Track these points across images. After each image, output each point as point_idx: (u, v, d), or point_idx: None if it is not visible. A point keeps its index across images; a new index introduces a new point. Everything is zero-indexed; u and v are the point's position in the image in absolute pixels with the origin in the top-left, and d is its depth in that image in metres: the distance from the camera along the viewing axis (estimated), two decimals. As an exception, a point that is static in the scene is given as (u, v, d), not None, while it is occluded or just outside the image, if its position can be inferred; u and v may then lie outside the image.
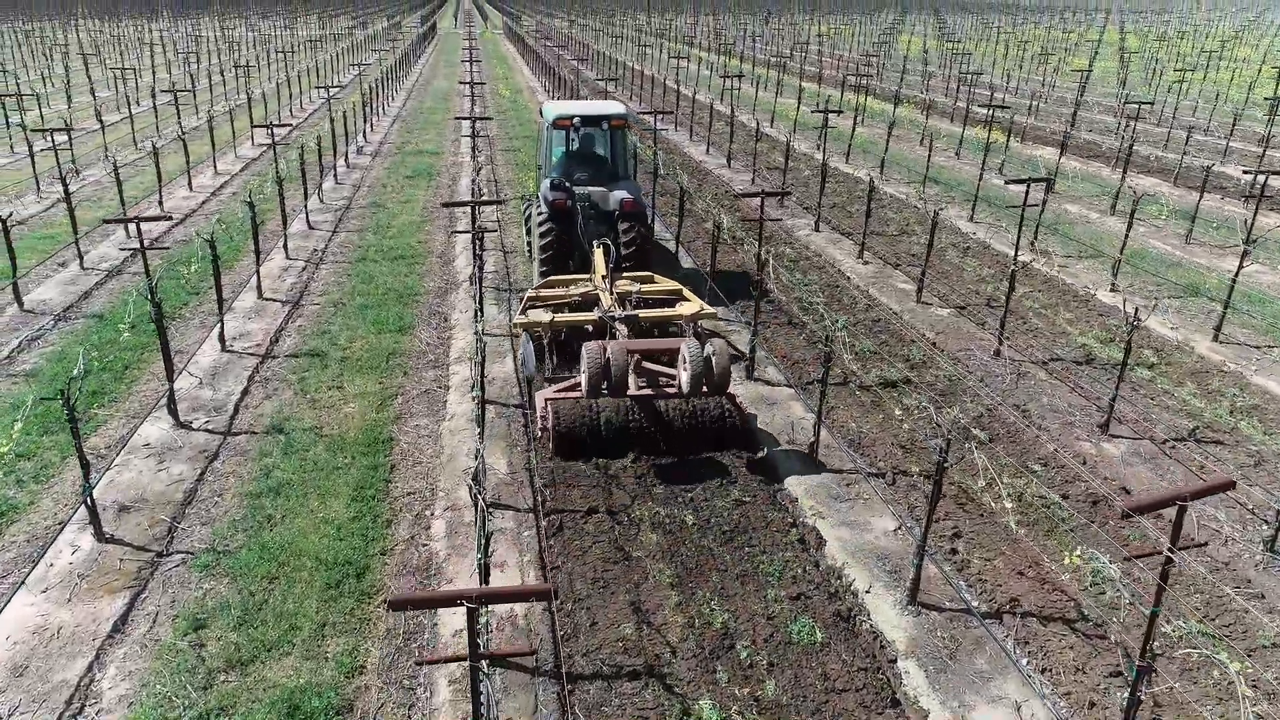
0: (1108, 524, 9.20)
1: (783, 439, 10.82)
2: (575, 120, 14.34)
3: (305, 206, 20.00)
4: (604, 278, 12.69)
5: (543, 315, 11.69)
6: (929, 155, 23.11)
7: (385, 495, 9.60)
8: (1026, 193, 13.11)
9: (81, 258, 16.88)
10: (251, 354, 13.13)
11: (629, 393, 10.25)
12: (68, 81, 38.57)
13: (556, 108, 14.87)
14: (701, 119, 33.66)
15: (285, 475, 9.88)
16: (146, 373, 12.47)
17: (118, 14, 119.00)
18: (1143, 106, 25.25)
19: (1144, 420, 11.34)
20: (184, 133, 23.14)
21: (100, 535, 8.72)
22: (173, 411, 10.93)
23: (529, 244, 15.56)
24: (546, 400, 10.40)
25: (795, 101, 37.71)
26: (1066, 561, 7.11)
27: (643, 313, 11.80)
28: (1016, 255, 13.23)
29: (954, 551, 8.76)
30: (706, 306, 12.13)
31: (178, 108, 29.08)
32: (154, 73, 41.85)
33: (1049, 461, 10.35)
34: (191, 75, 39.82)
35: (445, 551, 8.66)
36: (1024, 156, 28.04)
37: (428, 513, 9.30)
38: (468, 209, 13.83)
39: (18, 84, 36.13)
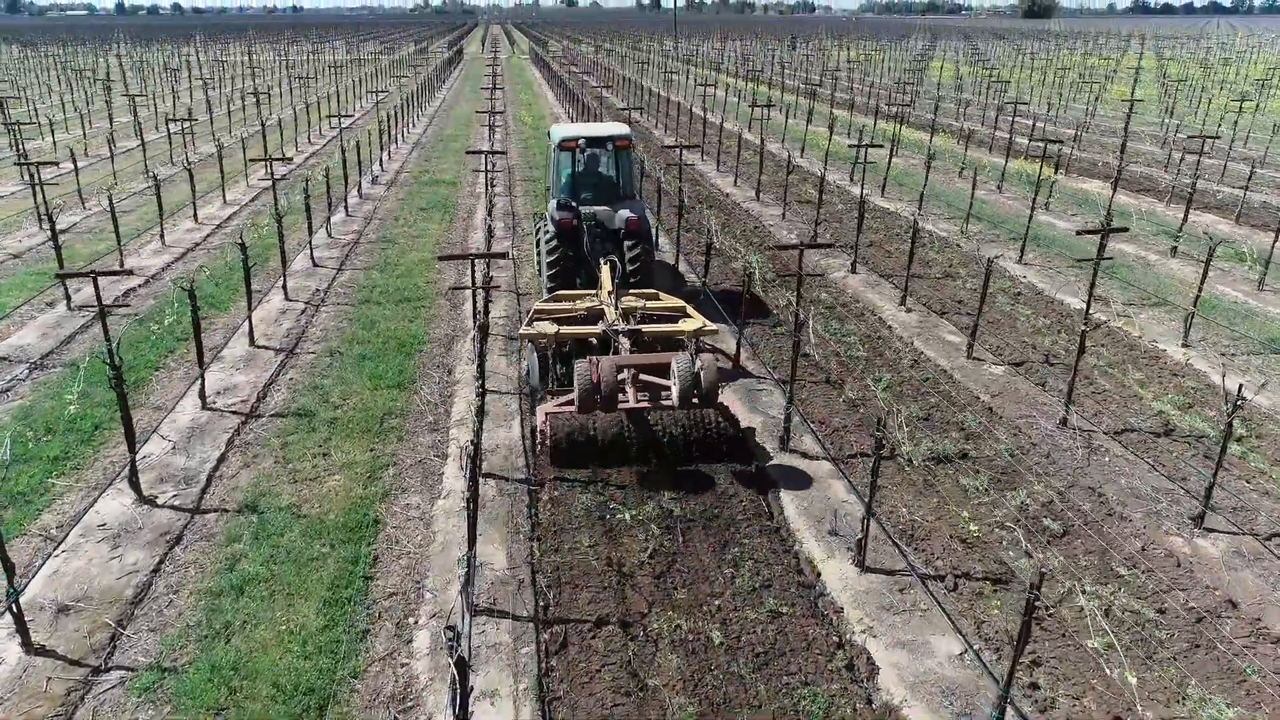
0: (1215, 649, 7.70)
1: (823, 528, 9.42)
2: (580, 142, 14.74)
3: (310, 242, 18.95)
4: (609, 294, 12.77)
5: (547, 327, 11.67)
6: (972, 189, 21.69)
7: (364, 596, 8.30)
8: (1102, 245, 11.66)
9: (69, 298, 15.88)
10: (234, 412, 11.95)
11: (620, 406, 10.44)
12: (89, 106, 38.20)
13: (562, 130, 15.12)
14: (729, 148, 32.47)
15: (252, 568, 8.62)
16: (118, 434, 11.27)
17: (154, 39, 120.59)
18: (1206, 140, 23.62)
19: (1242, 510, 9.82)
20: (190, 164, 22.24)
21: (29, 645, 7.49)
22: (135, 485, 9.73)
23: (539, 262, 15.68)
24: (545, 414, 10.71)
25: (826, 130, 36.47)
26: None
27: (645, 327, 11.95)
28: (1088, 315, 11.74)
29: (1034, 686, 7.29)
30: (708, 324, 12.10)
31: (184, 136, 28.32)
32: (176, 98, 41.46)
33: (1136, 563, 8.86)
34: (210, 102, 39.28)
35: (427, 675, 7.33)
36: (1070, 191, 26.52)
37: (411, 620, 7.99)
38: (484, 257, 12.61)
39: (35, 110, 35.71)
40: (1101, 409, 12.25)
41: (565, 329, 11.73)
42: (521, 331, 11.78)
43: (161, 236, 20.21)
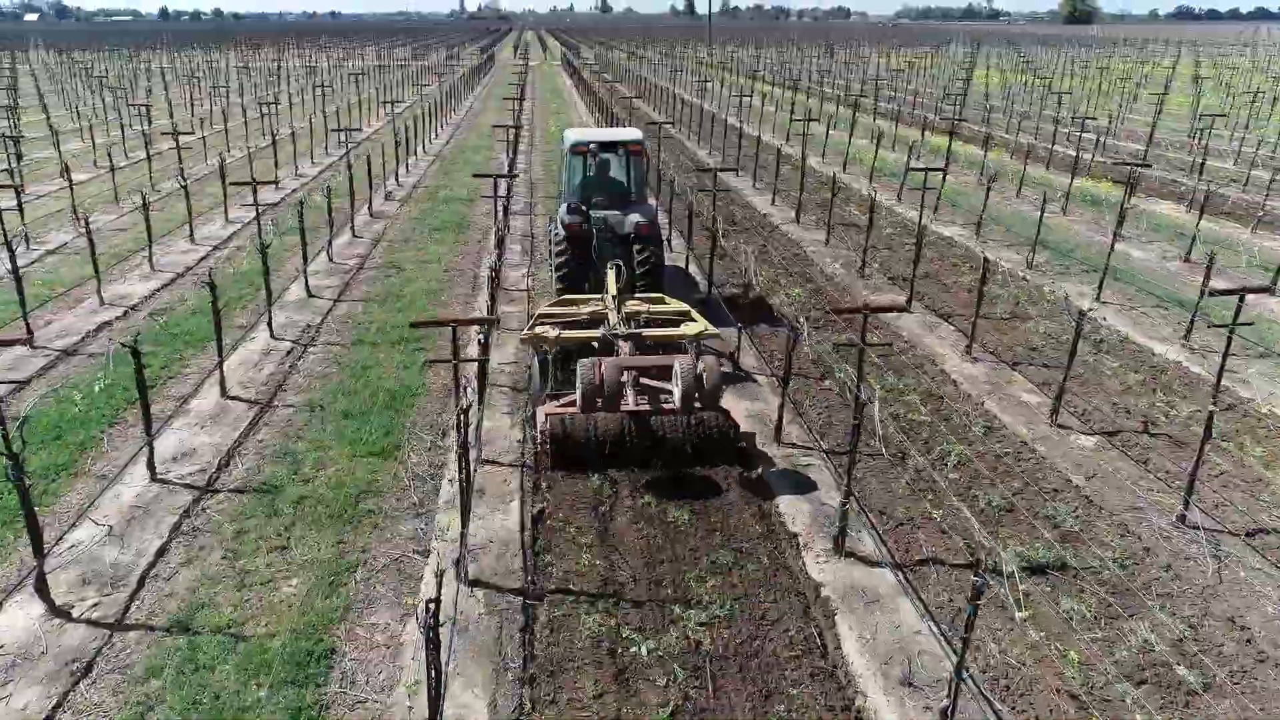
0: None
1: (892, 673, 7.41)
2: (592, 146, 14.82)
3: (304, 271, 17.24)
4: (614, 297, 12.65)
5: (549, 331, 11.52)
6: (1040, 215, 19.45)
7: (300, 771, 6.46)
8: (1239, 309, 9.53)
9: (31, 335, 14.28)
10: (188, 486, 10.20)
11: (623, 408, 10.32)
12: (105, 117, 37.10)
13: (574, 134, 15.30)
14: (766, 162, 30.41)
15: (166, 721, 6.81)
16: (49, 513, 9.58)
17: (193, 45, 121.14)
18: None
19: None
20: (185, 181, 20.73)
21: None
22: (43, 594, 7.99)
23: (550, 266, 15.83)
24: (546, 415, 10.53)
25: (869, 142, 34.33)
26: None
27: (646, 331, 11.89)
28: (1217, 392, 9.60)
29: None
30: (710, 327, 11.97)
31: (179, 152, 26.84)
32: (192, 107, 40.31)
33: (1310, 739, 6.77)
34: (226, 113, 38.02)
35: None
36: (1142, 213, 24.16)
37: (355, 814, 6.12)
38: (484, 320, 10.84)
39: (48, 119, 34.64)
40: (1223, 499, 10.11)
41: (567, 333, 11.63)
42: (523, 336, 11.74)
43: (150, 260, 18.66)
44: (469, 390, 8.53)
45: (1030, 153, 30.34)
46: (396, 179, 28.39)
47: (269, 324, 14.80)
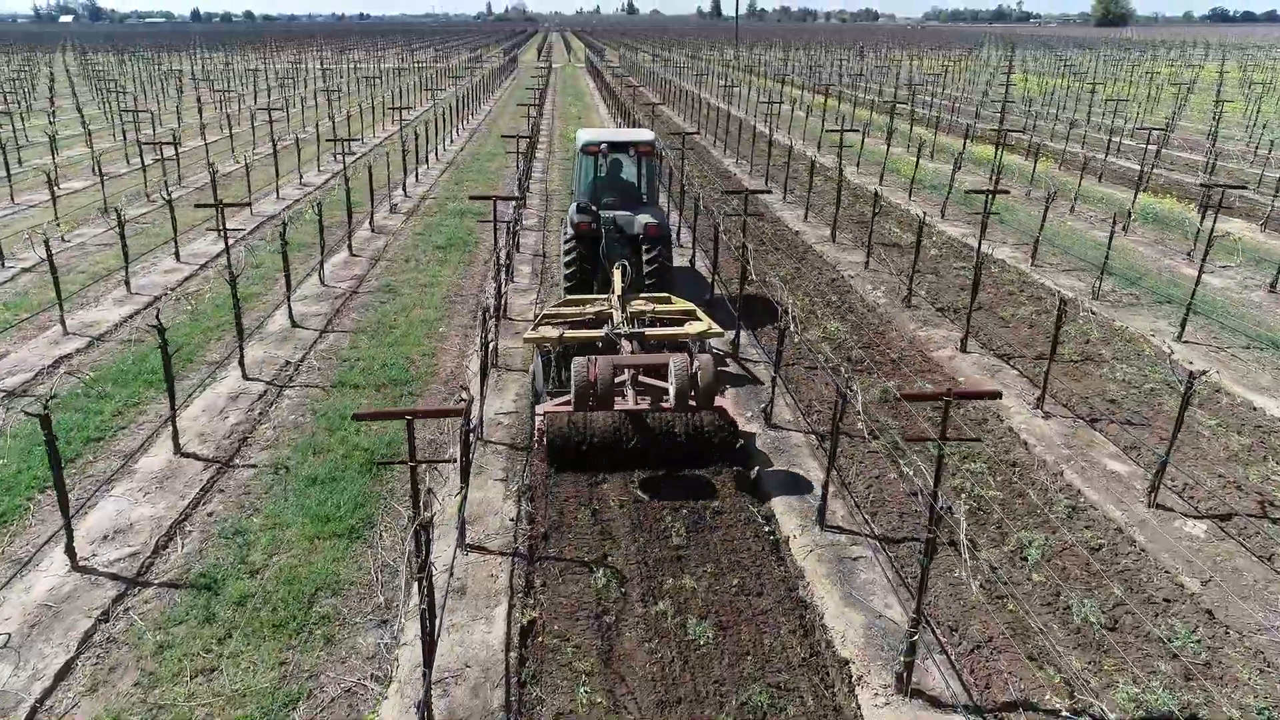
0: None
1: None
2: (603, 146, 14.79)
3: (288, 297, 15.57)
4: (618, 297, 12.70)
5: (551, 331, 11.63)
6: (1109, 240, 17.41)
7: None
8: None
9: (-25, 373, 12.75)
10: (114, 576, 8.52)
11: (616, 407, 10.26)
12: (112, 122, 35.85)
13: (586, 134, 15.22)
14: (797, 172, 28.52)
15: None
16: (-59, 613, 7.95)
17: (223, 46, 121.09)
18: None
19: None
20: (170, 196, 19.20)
21: None
22: (-104, 746, 6.34)
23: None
24: (544, 413, 10.49)
25: (904, 150, 32.33)
26: None
27: (648, 330, 11.86)
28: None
29: None
30: (715, 326, 12.01)
31: (164, 159, 25.44)
32: (201, 112, 39.06)
33: None
34: (231, 117, 36.65)
35: None
36: (1222, 238, 22.00)
37: None
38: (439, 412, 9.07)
39: (51, 124, 33.42)
40: (1379, 614, 8.13)
41: (569, 333, 11.66)
42: (526, 336, 11.80)
43: (127, 283, 17.09)
44: (432, 504, 6.74)
45: (1086, 165, 28.19)
46: (404, 189, 26.77)
47: (240, 362, 13.14)
